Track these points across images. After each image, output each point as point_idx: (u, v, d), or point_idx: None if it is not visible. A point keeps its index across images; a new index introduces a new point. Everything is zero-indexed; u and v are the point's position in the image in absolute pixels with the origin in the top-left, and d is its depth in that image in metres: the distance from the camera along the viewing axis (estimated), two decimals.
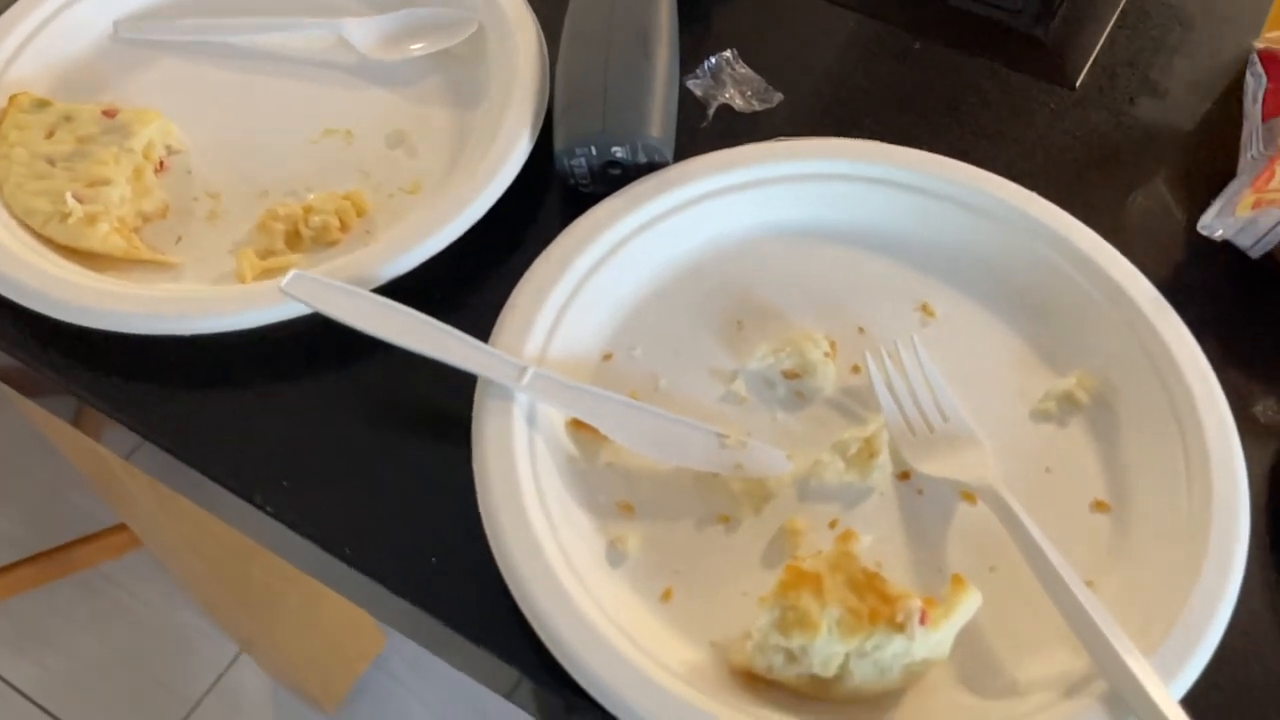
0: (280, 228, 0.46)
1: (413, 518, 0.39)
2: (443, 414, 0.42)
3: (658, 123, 0.46)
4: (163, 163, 0.49)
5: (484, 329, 0.42)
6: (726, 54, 0.53)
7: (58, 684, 1.17)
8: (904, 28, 0.55)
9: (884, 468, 0.40)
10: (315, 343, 0.43)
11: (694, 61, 0.52)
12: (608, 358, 0.43)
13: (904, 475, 0.40)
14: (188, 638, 1.20)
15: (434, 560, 0.39)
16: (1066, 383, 0.42)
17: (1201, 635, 0.35)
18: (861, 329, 0.44)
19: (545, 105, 0.49)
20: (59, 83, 0.52)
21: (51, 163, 0.47)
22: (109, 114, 0.48)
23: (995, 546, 0.38)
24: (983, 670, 0.36)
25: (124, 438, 0.43)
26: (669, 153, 0.46)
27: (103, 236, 0.44)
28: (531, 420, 0.40)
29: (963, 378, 0.42)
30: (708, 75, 0.52)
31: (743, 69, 0.52)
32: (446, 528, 0.39)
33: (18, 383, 0.49)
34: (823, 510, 0.40)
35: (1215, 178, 0.47)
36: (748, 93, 0.51)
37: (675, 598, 0.38)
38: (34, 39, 0.52)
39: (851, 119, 0.52)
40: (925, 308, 0.45)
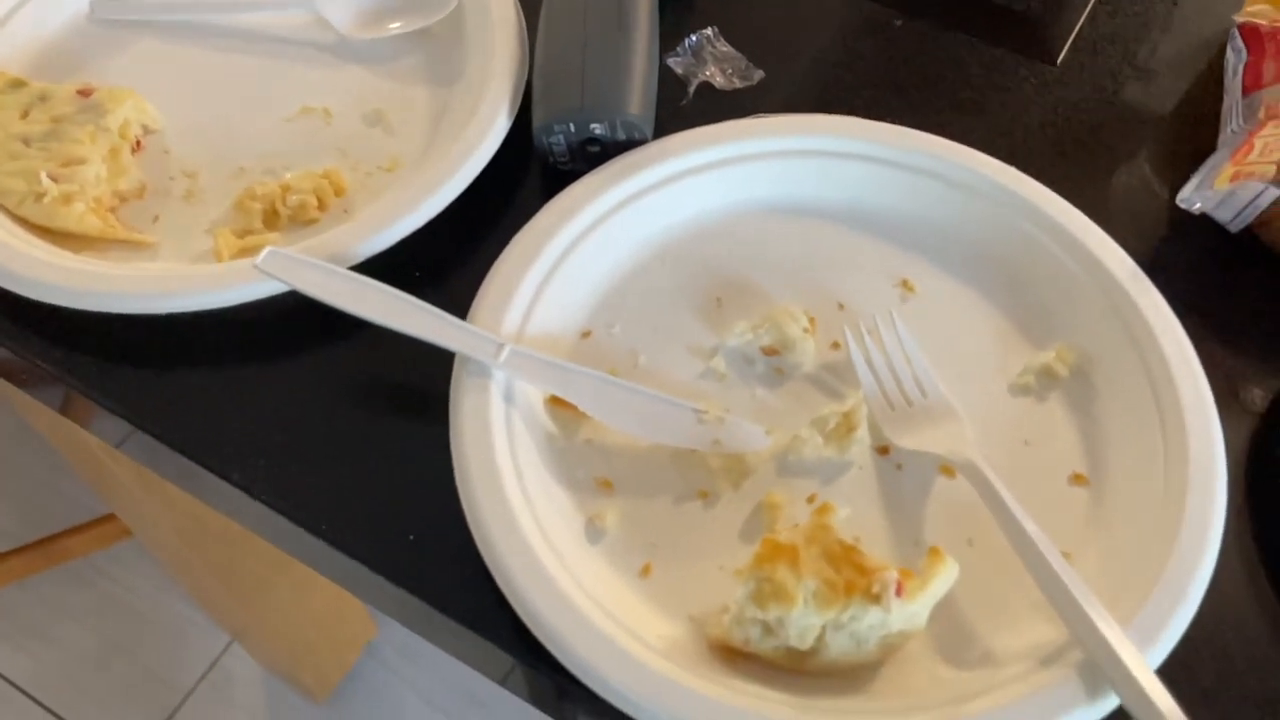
0: (257, 207, 0.45)
1: (391, 495, 0.39)
2: (421, 392, 0.42)
3: (636, 100, 0.46)
4: (139, 142, 0.49)
5: (463, 307, 0.42)
6: (707, 31, 0.52)
7: (49, 675, 1.17)
8: (885, 4, 0.55)
9: (862, 442, 0.40)
10: (293, 322, 0.43)
11: (675, 39, 0.52)
12: (586, 335, 0.43)
13: (883, 450, 0.40)
14: (179, 627, 1.20)
15: (411, 538, 0.38)
16: (1045, 357, 0.42)
17: (1177, 606, 0.35)
18: (841, 305, 0.44)
19: (524, 83, 0.48)
20: (35, 63, 0.52)
21: (26, 143, 0.46)
22: (84, 93, 0.48)
23: (973, 520, 0.38)
24: (960, 642, 0.36)
25: (114, 426, 0.43)
26: (648, 130, 0.46)
27: (78, 216, 0.44)
28: (509, 397, 0.40)
29: (942, 352, 0.42)
30: (688, 53, 0.52)
31: (724, 47, 0.52)
32: (425, 505, 0.39)
33: (1, 369, 0.49)
34: (801, 485, 0.40)
35: (1197, 153, 0.47)
36: (729, 70, 0.51)
37: (653, 573, 0.38)
38: (10, 20, 0.52)
39: (832, 95, 0.51)
40: (905, 283, 0.45)
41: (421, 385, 0.42)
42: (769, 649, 0.35)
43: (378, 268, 0.43)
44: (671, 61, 0.51)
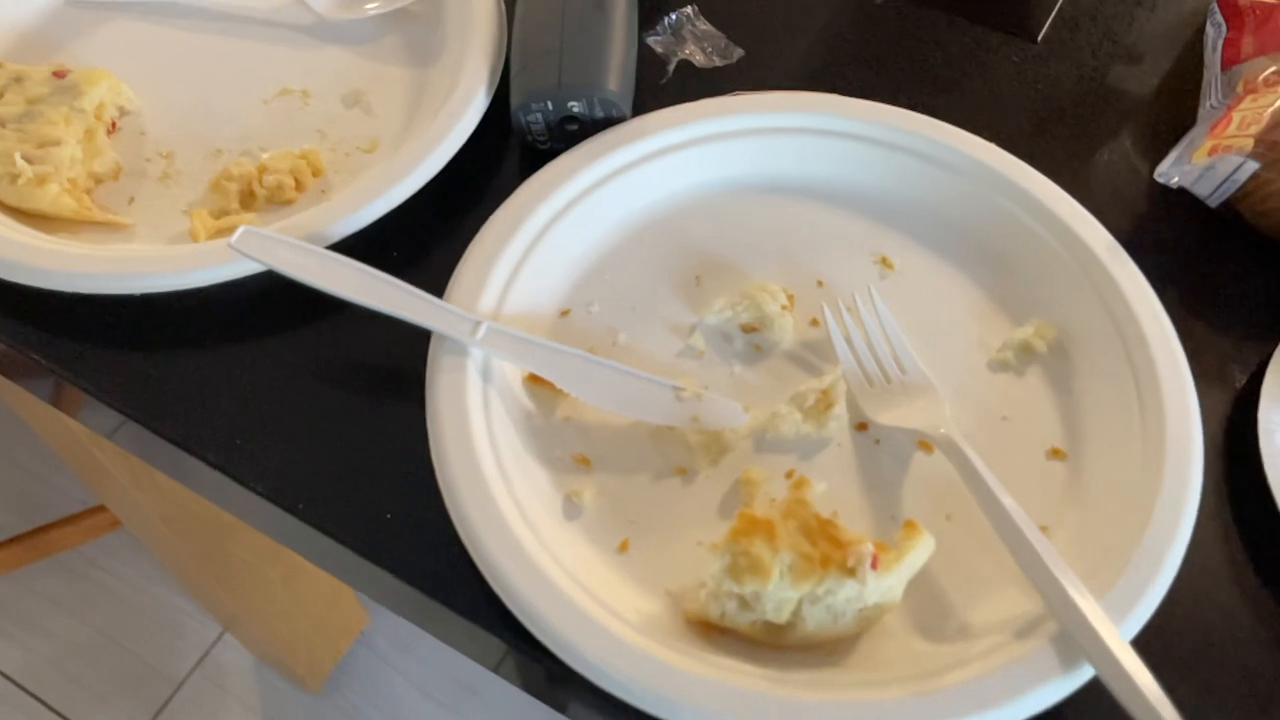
0: (234, 187, 0.45)
1: (369, 475, 0.39)
2: (398, 371, 0.42)
3: (614, 77, 0.45)
4: (115, 124, 0.48)
5: (442, 287, 0.41)
6: (687, 10, 0.52)
7: (41, 666, 1.17)
8: None
9: (841, 419, 0.40)
10: (270, 302, 0.43)
11: (654, 18, 0.52)
12: (565, 314, 0.43)
13: (861, 426, 0.40)
14: (171, 618, 1.20)
15: (389, 516, 0.38)
16: (1024, 332, 0.42)
17: (1152, 578, 0.35)
18: (820, 282, 0.44)
19: (502, 62, 0.48)
20: (11, 45, 0.51)
21: (1, 124, 0.46)
22: (59, 75, 0.48)
23: (952, 495, 0.38)
24: (937, 615, 0.36)
25: (104, 417, 0.43)
26: (627, 108, 0.46)
27: (53, 197, 0.44)
28: (486, 375, 0.40)
29: (921, 329, 0.42)
30: (668, 32, 0.51)
31: (703, 25, 0.52)
32: (403, 484, 0.39)
33: None
34: (779, 461, 0.40)
35: (1178, 130, 0.47)
36: (708, 49, 0.51)
37: (632, 549, 0.38)
38: None
39: (812, 73, 0.51)
40: (884, 260, 0.45)
41: (400, 365, 0.42)
42: (746, 623, 0.35)
43: (355, 248, 0.42)
44: (651, 40, 0.51)
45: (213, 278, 0.41)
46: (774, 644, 0.35)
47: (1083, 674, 0.33)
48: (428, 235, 0.45)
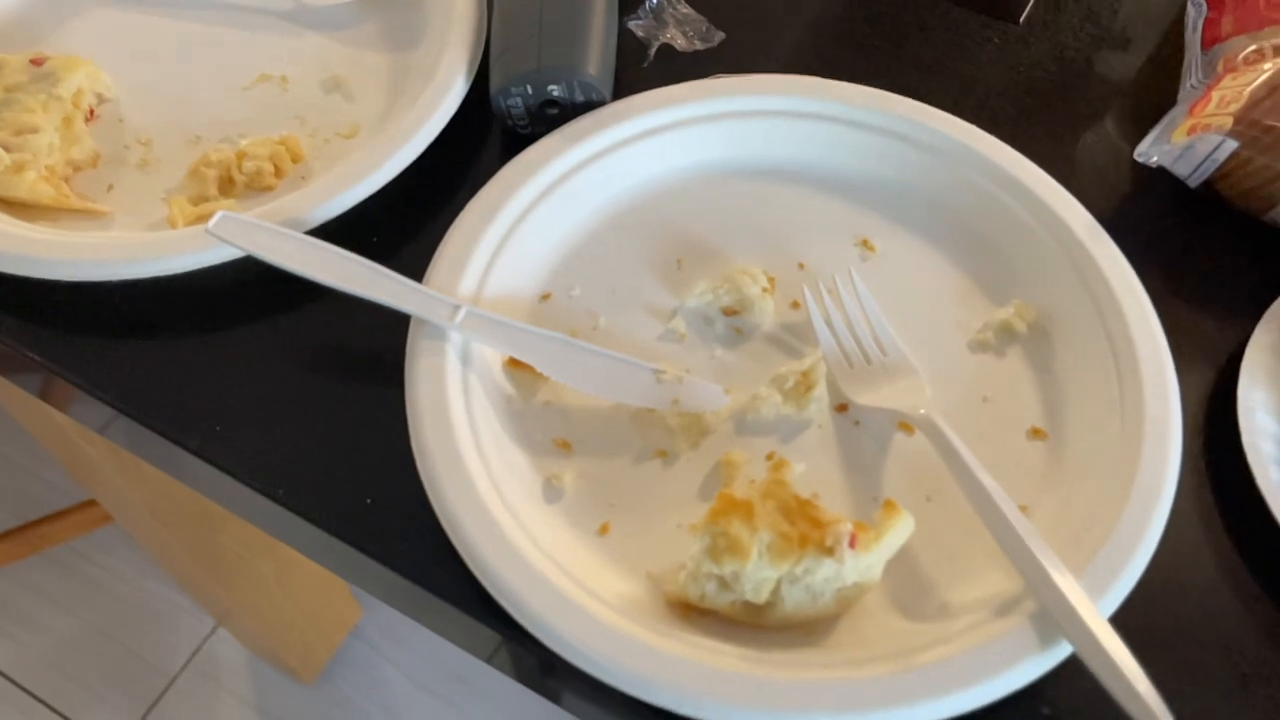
0: (213, 174, 0.45)
1: (349, 460, 0.39)
2: (378, 356, 0.41)
3: (594, 61, 0.45)
4: (93, 111, 0.48)
5: (423, 272, 0.41)
6: None
7: (34, 661, 1.17)
8: None
9: (821, 400, 0.40)
10: (250, 288, 0.43)
11: (635, 2, 0.52)
12: (546, 298, 0.43)
13: (842, 408, 0.40)
14: (164, 611, 1.20)
15: (369, 501, 0.38)
16: (1004, 313, 0.42)
17: (1130, 555, 0.35)
18: (801, 265, 0.44)
19: (482, 47, 0.48)
20: None
21: None
22: (37, 62, 0.47)
23: (932, 475, 0.38)
24: (918, 595, 0.36)
25: (94, 412, 0.43)
26: (607, 91, 0.46)
27: (30, 185, 0.44)
28: (466, 359, 0.39)
29: (902, 310, 0.42)
30: (649, 15, 0.51)
31: (684, 9, 0.51)
32: (383, 469, 0.39)
33: None
34: (760, 444, 0.40)
35: (1159, 111, 0.47)
36: (689, 33, 0.51)
37: (612, 532, 0.38)
38: None
39: (794, 56, 0.51)
40: (865, 242, 0.45)
41: (380, 350, 0.41)
42: (725, 603, 0.35)
43: (336, 234, 0.42)
44: (632, 24, 0.51)
45: (190, 264, 0.41)
46: (754, 624, 0.35)
47: (1061, 651, 0.33)
48: (408, 221, 0.45)
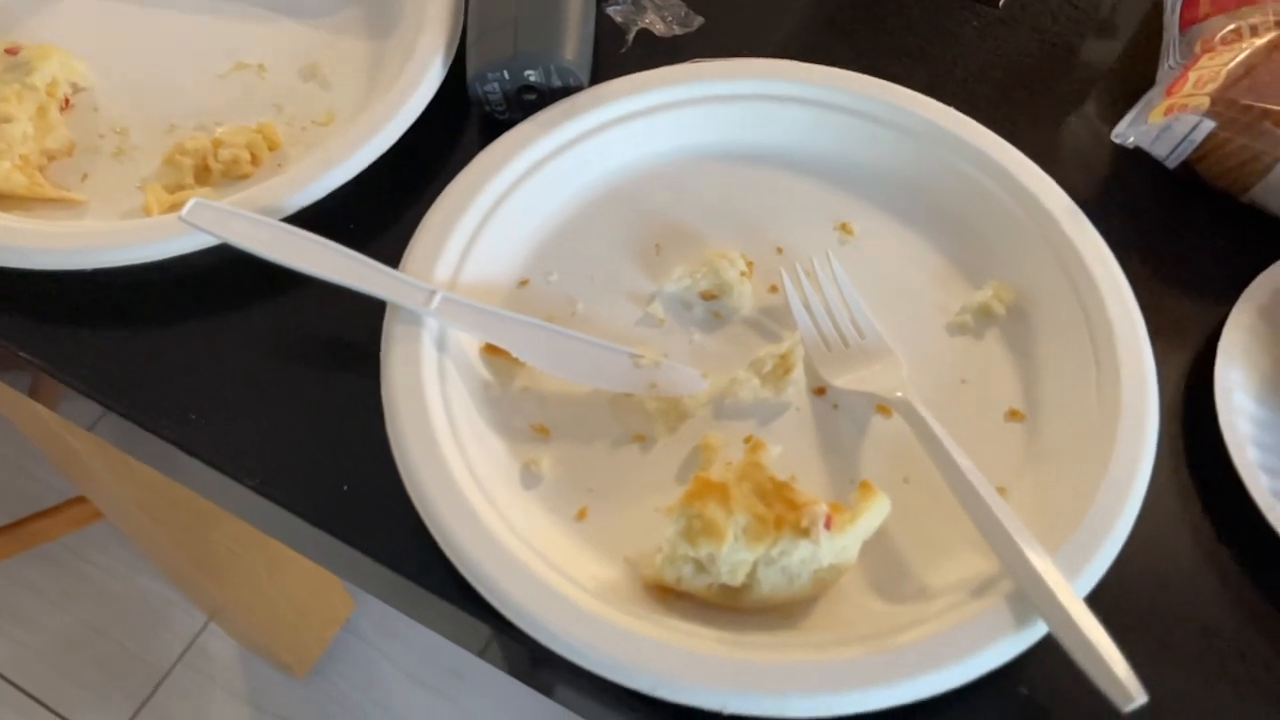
0: (188, 162, 0.45)
1: (325, 447, 0.39)
2: (354, 343, 0.41)
3: (572, 46, 0.45)
4: (68, 100, 0.48)
5: (399, 259, 0.41)
6: None
7: (26, 658, 1.17)
8: None
9: (799, 384, 0.40)
10: (226, 275, 0.42)
11: None
12: (524, 284, 0.43)
13: (820, 391, 0.40)
14: (156, 607, 1.20)
15: (346, 488, 0.38)
16: (983, 295, 0.42)
17: (1106, 534, 0.35)
18: (780, 249, 0.44)
19: (459, 32, 0.48)
20: None
21: None
22: (11, 52, 0.47)
23: (910, 458, 0.38)
24: (895, 577, 0.36)
25: (84, 409, 0.42)
26: (585, 76, 0.46)
27: (4, 174, 0.43)
28: (442, 345, 0.39)
29: (880, 294, 0.42)
30: (627, 0, 0.51)
31: None
32: (359, 456, 0.39)
33: None
34: (738, 427, 0.40)
35: (1139, 94, 0.47)
36: (668, 17, 0.50)
37: (590, 517, 0.38)
38: None
39: (773, 41, 0.51)
40: (844, 226, 0.44)
41: (356, 337, 0.41)
42: (702, 586, 0.35)
43: (313, 221, 0.42)
44: (611, 10, 0.51)
45: (164, 251, 0.41)
46: (731, 607, 0.35)
47: (1037, 630, 0.33)
48: (386, 208, 0.45)
